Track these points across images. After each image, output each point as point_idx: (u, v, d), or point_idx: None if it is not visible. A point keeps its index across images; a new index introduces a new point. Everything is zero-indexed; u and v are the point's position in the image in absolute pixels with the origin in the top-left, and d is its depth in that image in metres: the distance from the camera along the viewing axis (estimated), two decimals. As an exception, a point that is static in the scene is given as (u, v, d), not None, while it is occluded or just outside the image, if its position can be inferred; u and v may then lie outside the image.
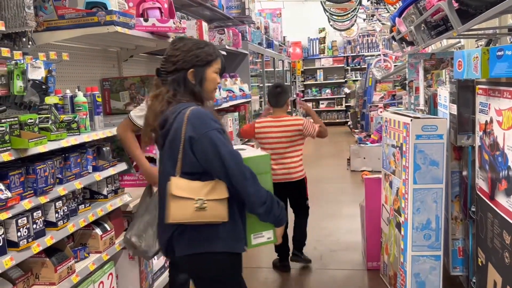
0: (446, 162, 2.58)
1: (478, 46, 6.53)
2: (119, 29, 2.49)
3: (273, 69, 8.75)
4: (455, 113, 2.55)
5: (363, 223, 3.55)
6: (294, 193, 3.41)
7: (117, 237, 2.50)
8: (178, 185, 1.66)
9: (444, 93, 2.86)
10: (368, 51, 13.29)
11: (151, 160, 3.11)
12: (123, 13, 2.55)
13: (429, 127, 2.55)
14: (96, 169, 2.29)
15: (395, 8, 7.63)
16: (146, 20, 2.91)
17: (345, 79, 13.51)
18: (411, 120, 2.57)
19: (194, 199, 1.64)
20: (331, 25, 9.56)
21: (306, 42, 13.86)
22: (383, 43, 8.50)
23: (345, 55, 13.63)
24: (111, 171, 2.39)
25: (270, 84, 8.59)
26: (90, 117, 2.30)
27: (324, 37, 13.73)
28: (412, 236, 2.62)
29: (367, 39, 13.37)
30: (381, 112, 8.73)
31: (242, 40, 5.71)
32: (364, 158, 6.92)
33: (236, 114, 5.16)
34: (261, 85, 7.41)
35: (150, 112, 1.79)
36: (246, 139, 4.81)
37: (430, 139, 2.55)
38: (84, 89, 2.42)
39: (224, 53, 4.77)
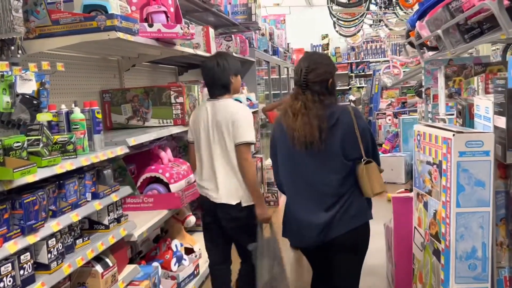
0: (492, 182, 2.28)
1: (494, 50, 6.25)
2: (121, 35, 2.20)
3: (278, 77, 8.47)
4: (503, 126, 2.25)
5: (389, 246, 3.23)
6: None
7: (120, 272, 2.19)
8: (374, 165, 2.25)
9: (484, 103, 2.56)
10: (372, 57, 13.04)
11: (157, 180, 2.80)
12: (125, 17, 2.26)
13: (474, 142, 2.24)
14: (95, 196, 1.98)
15: (405, 13, 7.37)
16: (151, 26, 2.61)
17: (349, 86, 13.24)
18: (454, 134, 2.27)
19: (378, 175, 2.30)
20: (336, 31, 9.31)
21: (309, 48, 13.59)
22: (392, 48, 8.23)
23: (349, 61, 13.37)
24: (113, 198, 2.08)
25: (276, 92, 8.31)
26: (88, 136, 2.00)
27: (327, 44, 13.48)
28: (456, 266, 2.31)
29: (371, 45, 13.12)
30: (389, 120, 8.46)
31: (249, 47, 5.43)
32: (377, 169, 6.62)
33: (244, 125, 4.86)
34: (267, 92, 7.11)
35: (313, 116, 2.11)
36: None
37: (475, 156, 2.25)
38: (82, 103, 2.11)
39: (231, 61, 4.47)
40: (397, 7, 7.12)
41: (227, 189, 2.54)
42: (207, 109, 2.62)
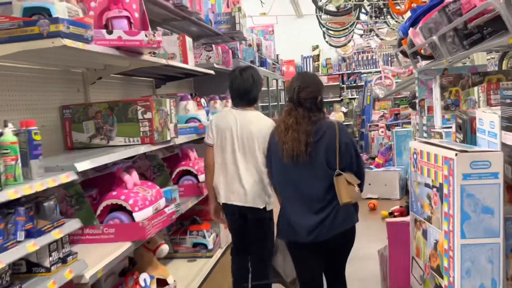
0: (502, 208, 1.97)
1: (489, 59, 5.99)
2: (68, 42, 1.88)
3: (267, 89, 8.18)
4: (512, 143, 1.95)
5: (385, 276, 2.91)
6: None
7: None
8: (348, 176, 2.35)
9: (489, 117, 2.26)
10: (364, 68, 12.82)
11: (120, 207, 2.47)
12: (74, 22, 1.95)
13: (481, 163, 1.94)
14: (31, 234, 1.64)
15: (397, 22, 7.13)
16: (110, 32, 2.30)
17: (341, 98, 13.00)
18: (456, 154, 1.96)
19: (355, 185, 2.35)
20: (326, 41, 9.07)
21: (299, 60, 13.37)
22: (383, 59, 7.99)
23: (340, 72, 13.14)
24: (55, 234, 1.74)
25: (264, 105, 8.01)
26: (23, 162, 1.67)
27: (318, 55, 13.26)
28: (462, 307, 1.98)
29: (363, 56, 12.91)
30: (382, 132, 8.18)
31: (233, 58, 5.13)
32: (370, 184, 6.29)
33: (228, 141, 4.54)
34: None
35: (302, 132, 2.35)
36: None
37: (481, 178, 1.94)
38: (18, 123, 1.79)
39: (212, 72, 4.17)
40: (388, 16, 6.88)
41: (255, 194, 2.83)
42: (235, 117, 2.88)
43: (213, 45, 4.26)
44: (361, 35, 8.76)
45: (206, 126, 3.16)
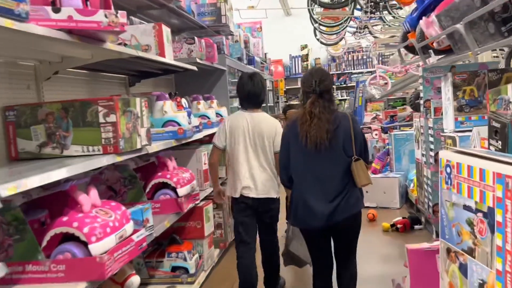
0: None
1: (495, 57, 5.54)
2: (-12, 18, 1.34)
3: (254, 89, 7.67)
4: None
5: (402, 312, 2.41)
6: None
7: None
8: (361, 162, 2.57)
9: (545, 121, 1.78)
10: (354, 68, 12.40)
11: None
12: (-3, -10, 1.40)
13: (551, 183, 1.44)
14: None
15: (394, 17, 6.69)
16: (57, 10, 1.76)
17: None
18: (517, 170, 1.46)
19: (365, 171, 2.60)
20: (317, 39, 8.60)
21: (287, 60, 12.91)
22: (378, 58, 7.55)
23: (330, 72, 12.68)
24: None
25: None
26: None
27: (307, 55, 12.81)
28: None
29: (353, 56, 12.49)
30: (376, 135, 7.72)
31: (219, 53, 4.61)
32: (367, 192, 5.80)
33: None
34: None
35: (325, 120, 2.55)
36: None
37: (552, 204, 1.44)
38: None
39: (194, 68, 3.64)
40: (385, 12, 6.43)
41: (267, 187, 3.10)
42: (246, 119, 3.14)
43: (195, 38, 3.73)
44: (353, 33, 8.32)
45: (219, 128, 3.30)
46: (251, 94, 3.17)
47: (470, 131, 3.64)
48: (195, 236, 3.44)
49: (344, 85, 12.50)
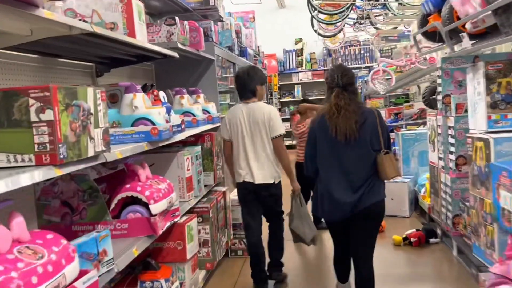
0: None
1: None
2: None
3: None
4: None
5: None
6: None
7: None
8: (391, 155, 2.69)
9: None
10: (352, 63, 11.81)
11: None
12: None
13: None
14: None
15: (401, 4, 6.10)
16: None
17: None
18: None
19: (394, 163, 2.71)
20: (314, 30, 7.99)
21: (281, 54, 12.28)
22: (380, 51, 6.96)
23: (326, 68, 12.09)
24: None
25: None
26: None
27: (302, 49, 12.20)
28: None
29: (350, 50, 11.91)
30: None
31: (206, 41, 3.98)
32: (372, 198, 5.22)
33: (198, 148, 3.39)
34: (234, 103, 5.67)
35: (352, 112, 2.63)
36: None
37: None
38: None
39: (175, 55, 3.02)
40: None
41: (265, 173, 3.27)
42: (242, 110, 3.31)
43: (176, 18, 3.08)
44: (354, 23, 7.72)
45: (222, 122, 3.48)
46: (241, 85, 3.38)
47: (508, 131, 3.08)
48: (175, 259, 2.82)
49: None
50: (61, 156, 1.53)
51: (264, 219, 3.52)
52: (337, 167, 2.69)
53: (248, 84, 3.34)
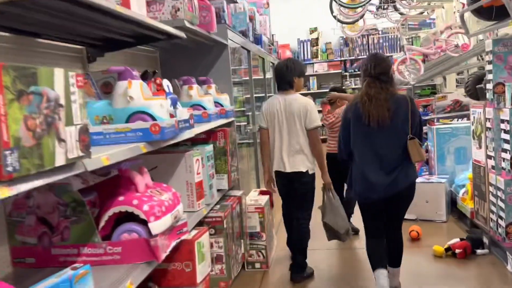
0: None
1: None
2: None
3: (263, 76, 6.53)
4: None
5: None
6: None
7: None
8: (416, 141, 2.81)
9: None
10: (370, 53, 11.18)
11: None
12: None
13: None
14: None
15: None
16: None
17: (343, 87, 11.36)
18: None
19: (419, 148, 2.82)
20: (334, 16, 7.42)
21: (295, 44, 11.70)
22: (408, 38, 6.38)
23: (342, 59, 11.52)
24: None
25: (259, 95, 6.36)
26: None
27: (317, 39, 11.62)
28: None
29: (368, 39, 11.30)
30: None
31: (218, 23, 3.45)
32: (404, 200, 4.66)
33: (210, 147, 2.87)
34: (248, 95, 5.16)
35: (384, 100, 2.76)
36: None
37: None
38: None
39: (181, 34, 2.51)
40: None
41: (296, 161, 3.38)
42: (279, 101, 3.42)
43: (184, -9, 2.56)
44: (377, 8, 7.13)
45: (260, 112, 3.57)
46: (279, 76, 3.50)
47: None
48: (182, 284, 2.31)
49: (358, 72, 11.26)
50: (10, 169, 1.03)
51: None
52: (371, 152, 2.84)
53: (285, 76, 3.43)
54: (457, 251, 3.55)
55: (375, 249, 3.00)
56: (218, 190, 3.04)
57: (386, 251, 3.00)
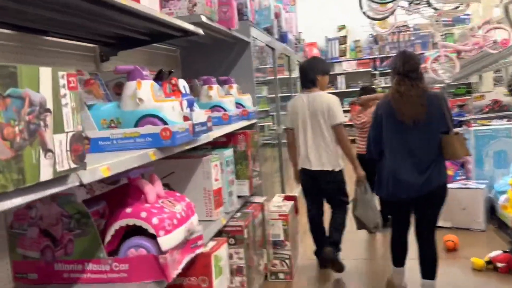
0: None
1: None
2: None
3: (288, 74, 6.33)
4: None
5: None
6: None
7: None
8: (460, 135, 2.83)
9: None
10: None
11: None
12: None
13: None
14: None
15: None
16: None
17: (372, 86, 11.03)
18: None
19: (464, 143, 2.85)
20: (363, 12, 7.12)
21: (323, 42, 11.43)
22: (441, 35, 6.05)
23: (372, 57, 11.19)
24: None
25: (285, 95, 6.15)
26: None
27: (345, 36, 11.33)
28: None
29: (398, 36, 10.92)
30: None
31: (240, 19, 3.27)
32: (439, 207, 4.36)
33: (230, 152, 2.69)
34: (273, 95, 4.97)
35: (416, 97, 2.74)
36: None
37: None
38: None
39: (199, 31, 2.34)
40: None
41: (322, 160, 3.41)
42: (303, 99, 3.49)
43: (201, -15, 2.38)
44: (410, 2, 6.81)
45: (286, 111, 3.69)
46: (302, 75, 3.58)
47: None
48: (198, 300, 2.14)
49: (389, 71, 10.93)
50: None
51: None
52: (403, 150, 2.82)
53: (308, 74, 3.50)
54: (499, 265, 3.27)
55: (398, 247, 3.05)
56: (239, 197, 2.85)
57: (419, 260, 2.94)
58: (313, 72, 3.49)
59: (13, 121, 0.95)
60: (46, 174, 1.05)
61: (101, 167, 1.32)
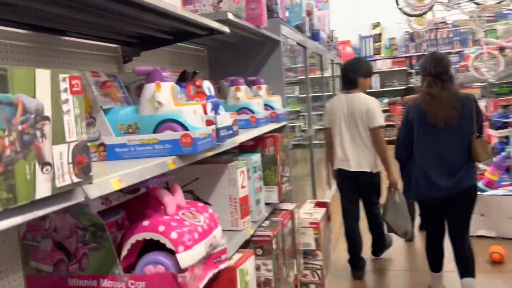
0: None
1: None
2: None
3: (320, 74, 6.13)
4: None
5: None
6: None
7: None
8: (483, 139, 2.82)
9: None
10: (437, 49, 10.40)
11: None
12: None
13: None
14: None
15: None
16: None
17: (408, 85, 10.65)
18: None
19: (486, 146, 2.86)
20: (399, 9, 6.84)
21: (356, 41, 11.14)
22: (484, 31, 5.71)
23: (408, 55, 10.81)
24: None
25: (317, 94, 5.96)
26: None
27: (380, 34, 10.99)
28: None
29: (436, 33, 10.50)
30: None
31: (270, 17, 3.11)
32: (482, 214, 4.08)
33: (257, 157, 2.54)
34: (305, 95, 4.79)
35: (449, 99, 2.78)
36: None
37: None
38: None
39: (225, 29, 2.20)
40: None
41: (362, 161, 3.44)
42: (342, 100, 3.52)
43: (228, -21, 2.24)
44: (449, -1, 6.48)
45: (324, 110, 3.85)
46: (344, 76, 3.59)
47: None
48: (222, 317, 2.00)
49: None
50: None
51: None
52: (434, 152, 2.84)
53: (350, 75, 3.52)
54: (553, 281, 2.98)
55: (434, 251, 3.05)
56: (267, 204, 2.70)
57: (455, 262, 2.97)
58: (355, 74, 3.51)
59: (1, 132, 0.83)
60: (43, 190, 0.92)
61: (112, 179, 1.19)
